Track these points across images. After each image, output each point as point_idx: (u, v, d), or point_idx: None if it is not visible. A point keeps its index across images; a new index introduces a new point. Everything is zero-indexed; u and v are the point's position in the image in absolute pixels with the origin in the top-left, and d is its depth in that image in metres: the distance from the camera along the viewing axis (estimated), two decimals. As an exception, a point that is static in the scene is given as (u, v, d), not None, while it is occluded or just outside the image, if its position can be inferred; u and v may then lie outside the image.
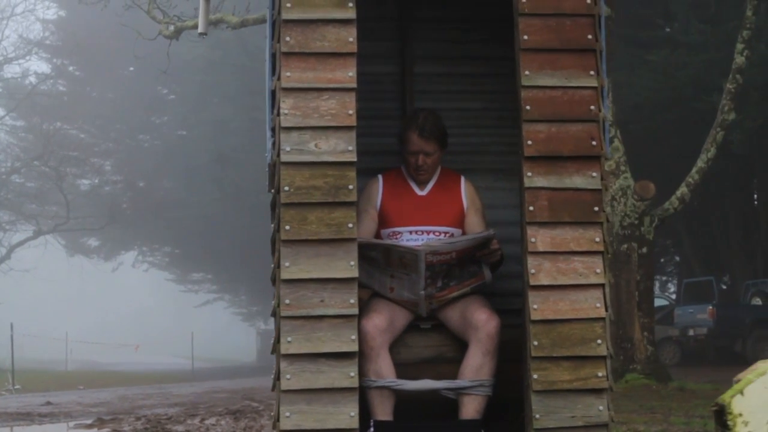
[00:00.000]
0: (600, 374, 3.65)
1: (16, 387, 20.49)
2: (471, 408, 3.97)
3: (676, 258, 32.38)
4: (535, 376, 3.63)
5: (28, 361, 33.86)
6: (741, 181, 25.25)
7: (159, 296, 64.97)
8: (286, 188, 3.63)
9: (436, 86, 4.89)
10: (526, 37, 3.78)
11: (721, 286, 27.10)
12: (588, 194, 3.73)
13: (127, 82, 36.41)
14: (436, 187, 4.39)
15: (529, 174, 3.72)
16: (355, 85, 3.69)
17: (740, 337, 21.82)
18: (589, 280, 3.69)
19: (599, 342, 3.66)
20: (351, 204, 3.65)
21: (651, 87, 20.90)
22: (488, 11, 4.82)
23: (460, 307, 4.13)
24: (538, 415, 3.62)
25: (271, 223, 3.76)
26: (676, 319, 22.92)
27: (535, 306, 3.66)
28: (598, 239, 3.71)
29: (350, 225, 3.64)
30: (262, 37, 4.39)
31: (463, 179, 4.43)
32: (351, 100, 3.69)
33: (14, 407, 13.15)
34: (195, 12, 14.89)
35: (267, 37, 3.87)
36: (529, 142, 3.73)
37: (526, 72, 3.76)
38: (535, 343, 3.64)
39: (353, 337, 3.60)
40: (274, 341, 3.63)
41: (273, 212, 3.73)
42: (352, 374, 3.59)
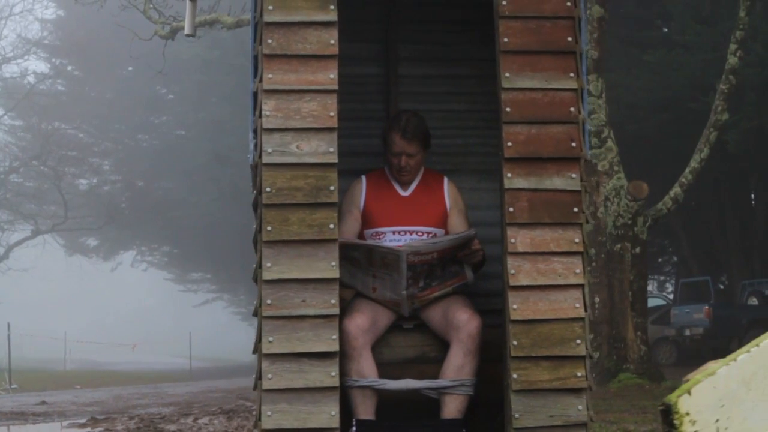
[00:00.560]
0: (579, 374, 3.68)
1: (14, 386, 20.50)
2: (452, 407, 3.99)
3: (674, 258, 32.37)
4: (515, 376, 3.66)
5: (27, 360, 33.83)
6: (738, 181, 25.26)
7: (158, 296, 65.04)
8: (268, 189, 3.66)
9: (420, 88, 4.92)
10: (506, 40, 3.81)
11: (719, 286, 27.10)
12: (567, 195, 3.76)
13: (126, 82, 36.41)
14: (419, 188, 4.42)
15: (509, 175, 3.75)
16: (336, 87, 3.72)
17: (736, 337, 21.81)
18: (569, 281, 3.71)
19: (578, 342, 3.69)
20: (332, 205, 3.68)
21: (646, 87, 20.91)
22: (472, 13, 4.86)
23: (442, 307, 4.15)
24: (517, 415, 3.65)
25: (254, 224, 3.79)
26: (672, 319, 22.94)
27: (515, 306, 3.69)
28: (577, 240, 3.74)
29: (331, 226, 3.67)
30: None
31: (446, 180, 4.46)
32: (332, 102, 3.72)
33: (9, 407, 13.17)
34: (189, 13, 14.88)
35: (249, 39, 3.91)
36: (509, 144, 3.76)
37: (507, 74, 3.79)
38: (515, 342, 3.67)
39: (334, 337, 3.62)
40: (256, 341, 3.66)
41: (255, 213, 3.77)
42: (333, 374, 3.61)
